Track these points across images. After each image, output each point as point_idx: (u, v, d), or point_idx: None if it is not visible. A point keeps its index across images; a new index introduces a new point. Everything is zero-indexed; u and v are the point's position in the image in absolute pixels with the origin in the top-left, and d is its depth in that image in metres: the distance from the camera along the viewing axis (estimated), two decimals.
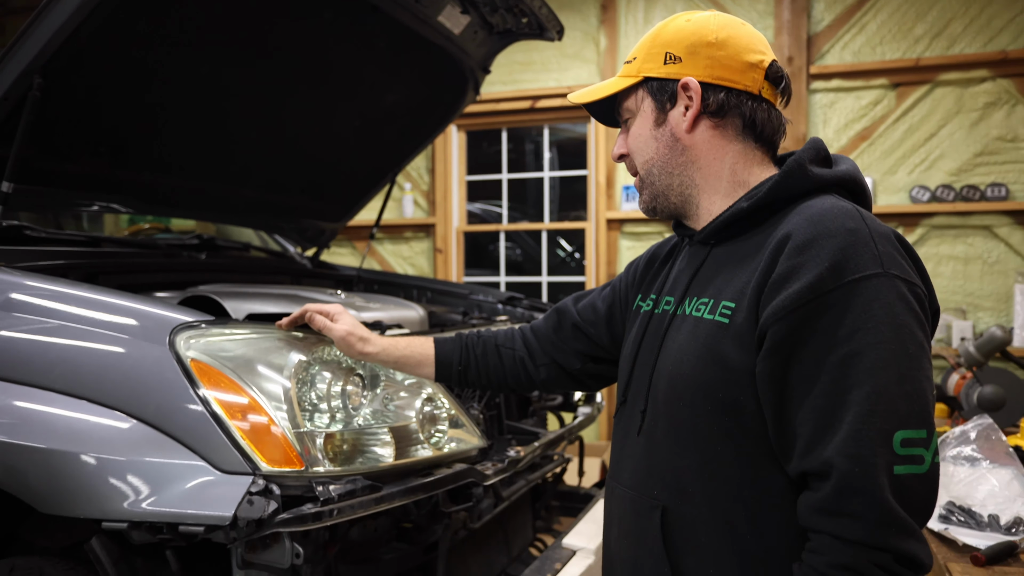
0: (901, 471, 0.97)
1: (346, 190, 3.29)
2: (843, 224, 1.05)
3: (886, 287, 1.01)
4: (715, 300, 1.16)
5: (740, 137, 1.22)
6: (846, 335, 1.00)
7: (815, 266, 1.02)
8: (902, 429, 0.98)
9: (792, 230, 1.07)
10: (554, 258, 5.68)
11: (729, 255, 1.20)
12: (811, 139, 1.21)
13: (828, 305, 1.01)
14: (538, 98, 5.20)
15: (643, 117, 1.25)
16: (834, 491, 0.98)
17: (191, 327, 1.54)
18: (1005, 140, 4.38)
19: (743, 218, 1.19)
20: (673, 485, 1.17)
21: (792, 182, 1.15)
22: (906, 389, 0.99)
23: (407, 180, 5.52)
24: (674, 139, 1.23)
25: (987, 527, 1.77)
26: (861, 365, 0.99)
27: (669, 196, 1.26)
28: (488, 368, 1.56)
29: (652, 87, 1.23)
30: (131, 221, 3.45)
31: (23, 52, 1.79)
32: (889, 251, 1.04)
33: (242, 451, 1.42)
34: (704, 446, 1.13)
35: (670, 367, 1.19)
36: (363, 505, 1.48)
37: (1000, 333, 2.70)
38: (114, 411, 1.49)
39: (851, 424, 0.98)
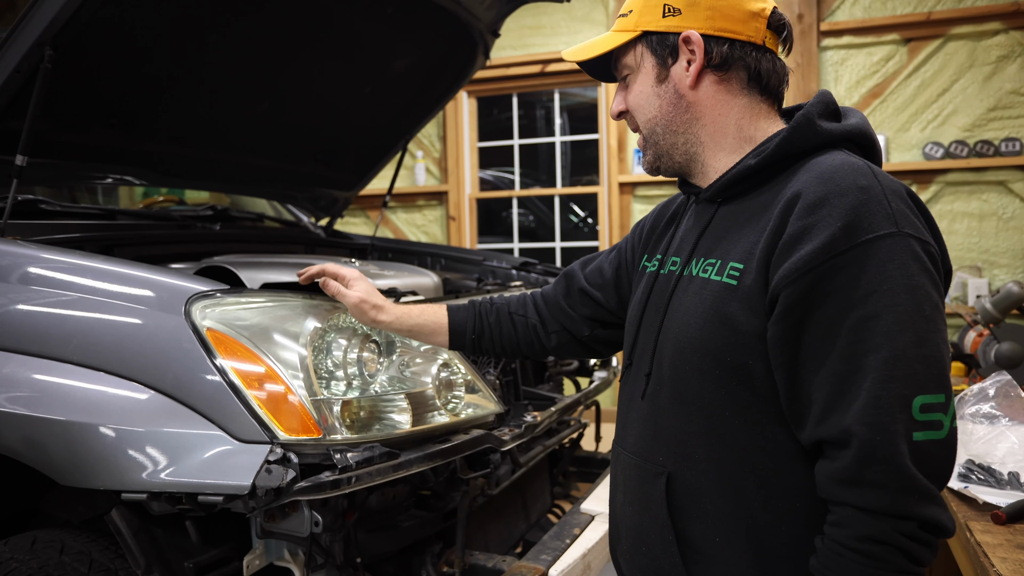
0: (920, 437, 0.93)
1: (358, 158, 3.24)
2: (855, 181, 0.99)
3: (900, 247, 0.96)
4: (722, 261, 1.11)
5: (745, 91, 1.16)
6: (861, 297, 0.95)
7: (827, 226, 0.97)
8: (921, 394, 0.94)
9: (802, 188, 1.02)
10: (567, 223, 5.63)
11: (736, 213, 1.14)
12: (819, 92, 1.15)
13: (841, 266, 0.96)
14: (548, 62, 5.11)
15: (644, 73, 1.19)
16: (855, 460, 0.94)
17: (207, 296, 1.52)
18: (1019, 94, 4.27)
19: (751, 175, 1.13)
20: (679, 451, 1.13)
21: (800, 137, 1.09)
22: (923, 352, 0.95)
23: (419, 148, 5.46)
24: (678, 95, 1.16)
25: (1007, 485, 1.73)
26: (877, 328, 0.94)
27: (673, 155, 1.20)
28: (502, 336, 1.53)
29: (651, 42, 1.17)
30: (145, 194, 3.42)
31: (33, 24, 1.75)
32: (902, 209, 0.99)
33: (260, 420, 1.40)
34: (710, 411, 1.09)
35: (676, 330, 1.14)
36: (381, 472, 1.46)
37: (1017, 289, 2.63)
38: (132, 382, 1.47)
39: (869, 390, 0.94)
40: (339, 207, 3.37)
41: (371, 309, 1.50)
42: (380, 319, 1.50)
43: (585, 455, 2.83)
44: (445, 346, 1.54)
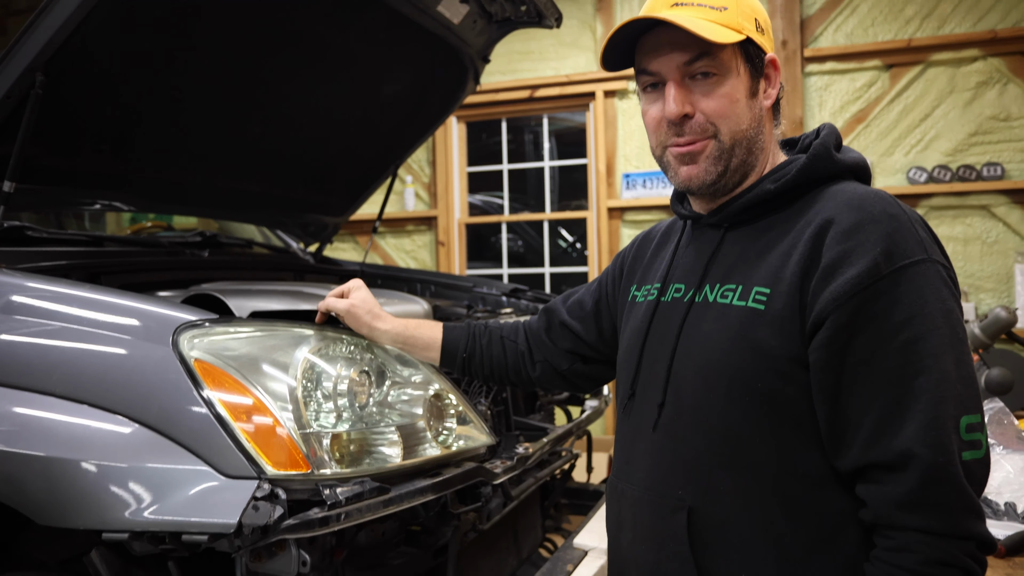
0: (968, 456, 0.94)
1: (348, 183, 3.21)
2: (885, 209, 1.01)
3: (932, 272, 0.98)
4: (744, 286, 1.08)
5: (774, 119, 1.19)
6: (903, 321, 0.95)
7: (867, 251, 0.98)
8: (966, 414, 0.95)
9: (834, 215, 1.02)
10: (556, 248, 5.60)
11: (750, 239, 1.12)
12: (827, 125, 1.17)
13: (883, 291, 0.97)
14: (537, 87, 5.10)
15: (738, 81, 1.11)
16: (918, 482, 0.93)
17: (195, 326, 1.47)
18: (999, 119, 4.29)
19: (768, 200, 1.12)
20: (701, 483, 1.08)
21: (820, 166, 1.10)
22: (963, 373, 0.96)
23: (408, 173, 5.43)
24: (762, 114, 1.14)
25: (1004, 515, 1.70)
26: (924, 351, 0.95)
27: (737, 172, 1.15)
28: (492, 359, 1.52)
29: (750, 52, 1.12)
30: (133, 220, 3.37)
31: (25, 50, 1.72)
32: (927, 236, 1.02)
33: (247, 454, 1.35)
34: (738, 439, 1.05)
35: (697, 357, 1.10)
36: (371, 508, 1.41)
37: (1005, 314, 2.62)
38: (115, 415, 1.41)
39: (925, 411, 0.93)
40: (328, 233, 3.33)
41: (366, 315, 1.51)
42: (376, 326, 1.51)
43: (577, 487, 2.78)
44: (436, 363, 1.54)
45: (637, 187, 4.90)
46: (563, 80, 5.04)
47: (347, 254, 5.50)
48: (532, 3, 2.45)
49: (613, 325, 1.43)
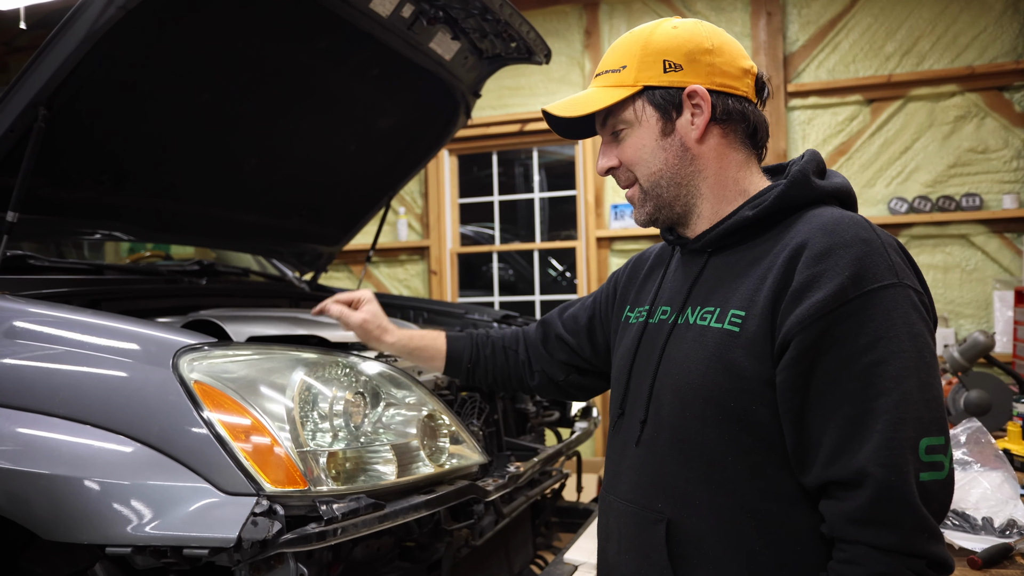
0: (926, 478, 0.96)
1: (343, 214, 3.27)
2: (857, 234, 1.03)
3: (901, 297, 1.00)
4: (722, 308, 1.12)
5: (742, 144, 1.19)
6: (868, 344, 0.98)
7: (836, 275, 1.00)
8: (926, 436, 0.96)
9: (807, 239, 1.05)
10: (546, 277, 5.67)
11: (731, 263, 1.16)
12: (809, 151, 1.19)
13: (850, 314, 0.99)
14: (527, 121, 5.21)
15: (646, 128, 1.18)
16: (870, 500, 0.95)
17: (194, 349, 1.51)
18: (976, 152, 4.40)
19: (747, 226, 1.15)
20: (678, 498, 1.12)
21: (797, 192, 1.12)
22: (927, 396, 0.98)
23: (401, 204, 5.50)
24: (684, 148, 1.17)
25: (981, 530, 1.75)
26: (886, 373, 0.97)
27: (674, 206, 1.21)
28: (495, 368, 1.57)
29: (654, 96, 1.16)
30: (131, 250, 3.41)
31: (29, 85, 1.77)
32: (899, 261, 1.03)
33: (246, 472, 1.39)
34: (711, 457, 1.09)
35: (675, 376, 1.14)
36: (366, 523, 1.44)
37: (983, 338, 2.68)
38: (118, 435, 1.45)
39: (883, 432, 0.95)
40: (323, 262, 3.38)
41: (376, 328, 1.56)
42: (385, 340, 1.57)
43: (567, 505, 2.81)
44: (440, 371, 1.59)
45: (625, 217, 4.98)
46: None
47: (341, 283, 5.55)
48: (522, 40, 2.53)
49: (606, 341, 1.48)
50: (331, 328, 2.23)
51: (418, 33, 2.39)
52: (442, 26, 2.43)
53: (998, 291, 4.26)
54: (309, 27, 2.24)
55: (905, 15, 4.53)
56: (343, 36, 2.30)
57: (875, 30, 4.59)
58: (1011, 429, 2.25)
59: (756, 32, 4.75)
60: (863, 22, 4.61)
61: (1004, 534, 1.72)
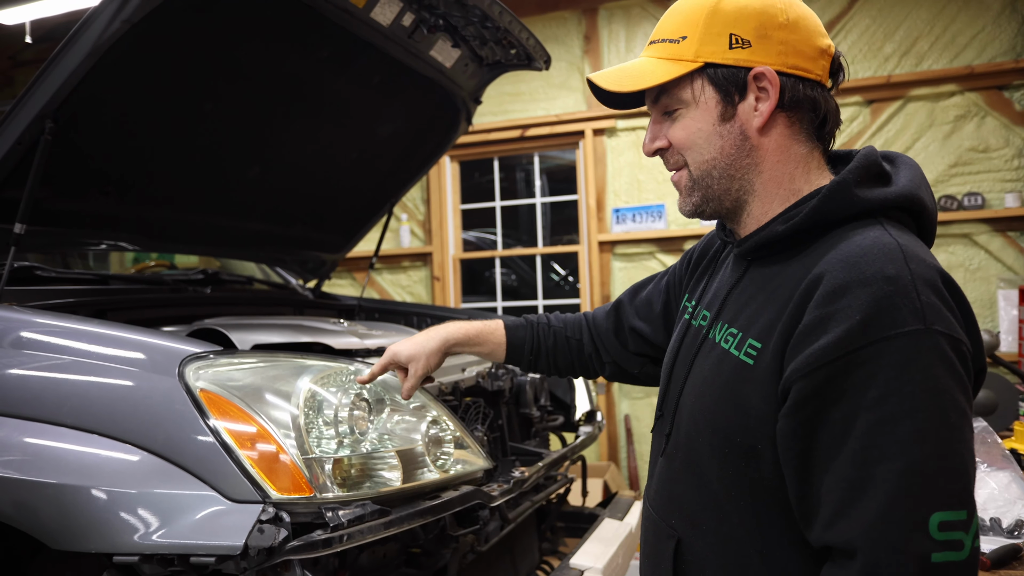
0: (939, 559, 0.83)
1: (345, 221, 3.27)
2: (881, 269, 0.89)
3: (927, 345, 0.86)
4: (744, 334, 1.03)
5: (807, 136, 1.06)
6: (877, 399, 0.86)
7: (845, 319, 0.88)
8: (940, 511, 0.84)
9: (825, 271, 0.93)
10: (548, 282, 5.67)
11: (765, 279, 1.06)
12: (864, 149, 1.05)
13: (858, 363, 0.87)
14: (527, 127, 5.21)
15: (704, 109, 1.05)
16: (859, 575, 0.86)
17: (200, 358, 1.52)
18: (977, 151, 4.40)
19: (778, 240, 1.04)
20: (688, 518, 1.09)
21: (834, 206, 0.98)
22: (945, 465, 0.85)
23: (403, 211, 5.51)
24: (743, 137, 1.04)
25: (989, 531, 1.74)
26: (894, 435, 0.85)
27: (724, 200, 1.09)
28: (558, 359, 1.51)
29: (716, 75, 1.03)
30: (136, 259, 3.42)
31: (36, 98, 1.79)
32: (933, 302, 0.88)
33: (252, 480, 1.39)
34: (718, 487, 1.04)
35: (693, 397, 1.10)
36: (372, 530, 1.45)
37: (988, 338, 2.68)
38: (124, 444, 1.45)
39: (880, 503, 0.85)
40: (327, 269, 3.39)
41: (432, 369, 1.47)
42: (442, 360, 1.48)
43: (572, 510, 2.80)
44: (501, 360, 1.52)
45: (627, 221, 4.99)
46: (553, 120, 5.15)
47: (345, 289, 5.56)
48: (521, 47, 2.54)
49: None
50: (335, 335, 2.24)
51: (419, 41, 2.40)
52: (442, 34, 2.44)
53: (1002, 290, 4.25)
54: (311, 36, 2.25)
55: (903, 16, 4.54)
56: (344, 45, 2.31)
57: (873, 31, 4.59)
58: (1018, 429, 2.24)
59: None
60: (861, 23, 4.62)
61: (1012, 535, 1.72)
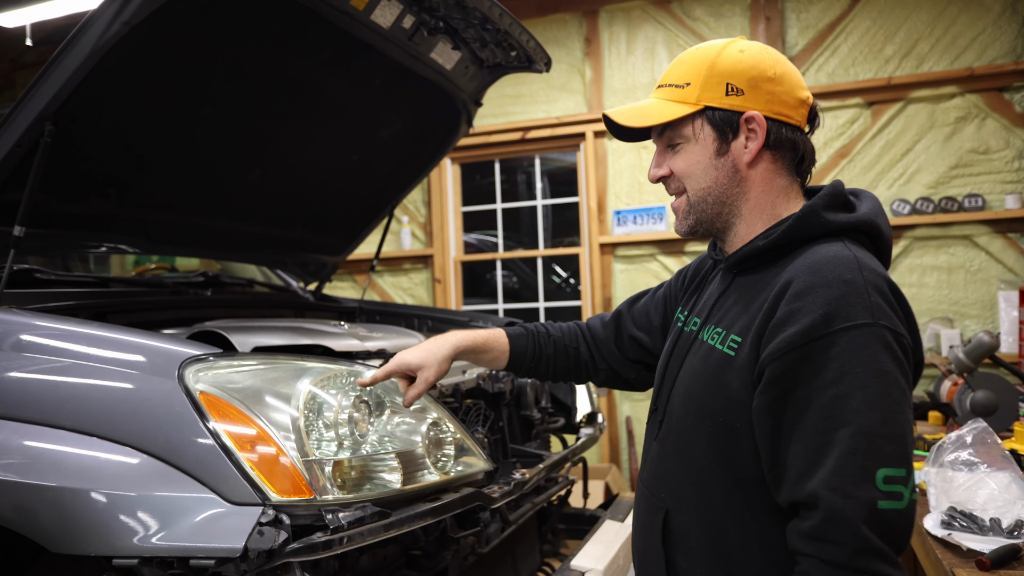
0: (884, 506, 1.02)
1: (346, 224, 3.28)
2: (840, 275, 1.09)
3: (874, 336, 1.06)
4: (727, 332, 1.22)
5: (788, 171, 1.26)
6: (835, 378, 1.05)
7: (809, 313, 1.08)
8: (884, 467, 1.03)
9: (794, 276, 1.13)
10: (550, 284, 5.66)
11: (746, 287, 1.25)
12: (833, 182, 1.25)
13: (820, 349, 1.06)
14: (528, 129, 5.21)
15: (702, 145, 1.25)
16: (821, 520, 1.03)
17: (199, 360, 1.52)
18: (978, 152, 4.40)
19: (759, 255, 1.24)
20: (675, 492, 1.25)
21: (805, 227, 1.19)
22: (888, 431, 1.04)
23: (404, 213, 5.51)
24: (734, 170, 1.24)
25: (989, 531, 1.74)
26: (848, 406, 1.04)
27: (715, 222, 1.29)
28: (556, 366, 1.61)
29: (714, 117, 1.23)
30: (136, 262, 3.42)
31: (35, 100, 1.79)
32: (880, 303, 1.08)
33: (252, 482, 1.39)
34: (702, 463, 1.20)
35: (684, 388, 1.27)
36: (372, 532, 1.45)
37: (988, 338, 2.67)
38: (124, 447, 1.46)
39: (836, 460, 1.03)
40: (327, 272, 3.39)
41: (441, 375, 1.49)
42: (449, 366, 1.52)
43: (573, 512, 2.80)
44: (502, 367, 1.60)
45: (628, 223, 4.98)
46: (554, 122, 5.15)
47: (346, 292, 5.56)
48: (522, 49, 2.54)
49: None
50: (336, 338, 2.24)
51: (419, 44, 2.40)
52: (443, 36, 2.44)
53: (1003, 291, 4.25)
54: (311, 39, 2.25)
55: (904, 17, 4.54)
56: (344, 47, 2.31)
57: (874, 33, 4.59)
58: (1018, 429, 2.24)
59: (755, 37, 4.75)
60: (862, 25, 4.62)
61: (1012, 535, 1.71)
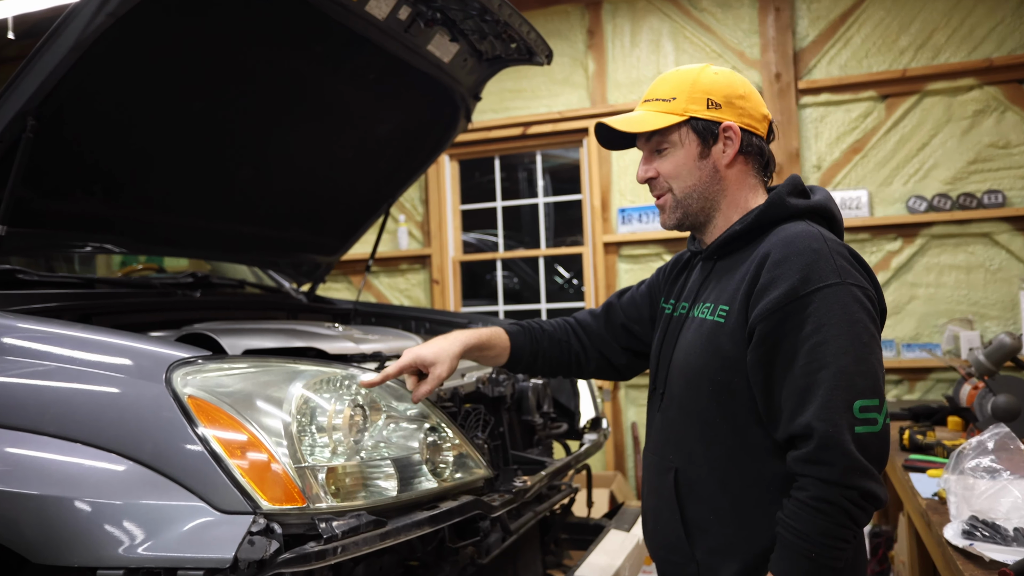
0: (861, 431, 1.29)
1: (341, 223, 3.27)
2: (809, 245, 1.38)
3: (843, 292, 1.34)
4: (715, 304, 1.48)
5: (756, 172, 1.55)
6: (813, 329, 1.32)
7: (788, 278, 1.35)
8: (860, 399, 1.30)
9: (771, 249, 1.40)
10: (552, 285, 5.66)
11: (726, 268, 1.52)
12: (791, 176, 1.54)
13: (800, 307, 1.33)
14: (529, 124, 5.21)
15: (687, 150, 1.51)
16: (815, 447, 1.29)
17: (188, 363, 1.52)
18: (997, 147, 4.39)
19: (737, 238, 1.51)
20: (683, 450, 1.50)
21: (774, 211, 1.48)
22: (861, 368, 1.31)
23: (401, 212, 5.51)
24: (715, 171, 1.51)
25: (1013, 541, 1.72)
26: (827, 351, 1.31)
27: (699, 216, 1.55)
28: (550, 360, 1.78)
29: (698, 125, 1.50)
30: (123, 263, 3.42)
31: (17, 94, 1.79)
32: (844, 265, 1.37)
33: (242, 490, 1.39)
34: (705, 419, 1.46)
35: (682, 359, 1.52)
36: (368, 541, 1.45)
37: (1009, 340, 2.66)
38: (109, 453, 1.45)
39: (823, 396, 1.29)
40: (321, 272, 3.39)
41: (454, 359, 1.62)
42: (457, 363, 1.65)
43: (577, 521, 2.79)
44: (502, 364, 1.75)
45: (632, 221, 4.98)
46: (556, 117, 5.15)
47: (340, 293, 5.56)
48: (522, 41, 2.54)
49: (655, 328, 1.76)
50: (330, 340, 2.24)
51: (415, 36, 2.40)
52: (440, 28, 2.44)
53: None
54: (303, 32, 2.25)
55: (919, 7, 4.53)
56: (338, 40, 2.31)
57: (888, 24, 4.59)
58: None
59: (764, 28, 4.75)
60: (875, 16, 4.61)
61: None
